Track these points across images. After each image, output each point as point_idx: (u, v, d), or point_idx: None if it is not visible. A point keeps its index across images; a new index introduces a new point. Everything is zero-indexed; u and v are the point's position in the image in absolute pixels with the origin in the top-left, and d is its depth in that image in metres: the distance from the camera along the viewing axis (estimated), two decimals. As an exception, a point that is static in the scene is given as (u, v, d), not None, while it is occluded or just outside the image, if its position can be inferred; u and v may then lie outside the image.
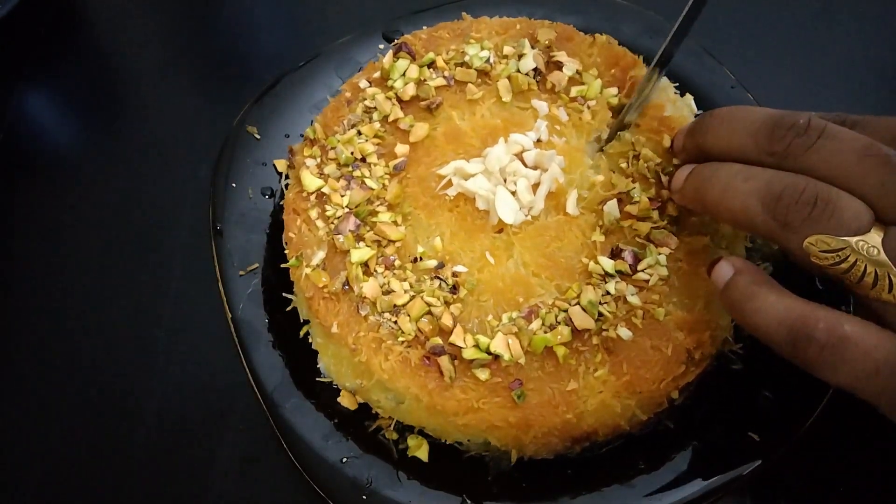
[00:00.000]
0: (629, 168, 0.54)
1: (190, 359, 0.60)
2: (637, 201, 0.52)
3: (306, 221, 0.54)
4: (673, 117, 0.55)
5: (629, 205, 0.52)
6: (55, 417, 0.58)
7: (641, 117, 0.56)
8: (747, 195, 0.42)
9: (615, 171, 0.55)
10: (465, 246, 0.52)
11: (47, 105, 0.75)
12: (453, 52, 0.60)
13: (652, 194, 0.53)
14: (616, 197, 0.53)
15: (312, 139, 0.58)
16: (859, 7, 0.77)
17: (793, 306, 0.41)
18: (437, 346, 0.48)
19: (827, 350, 0.39)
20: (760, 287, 0.43)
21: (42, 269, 0.65)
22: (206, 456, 0.56)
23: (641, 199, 0.52)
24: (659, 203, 0.52)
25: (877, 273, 0.39)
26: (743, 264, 0.45)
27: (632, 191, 0.52)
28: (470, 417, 0.47)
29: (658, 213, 0.52)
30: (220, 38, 0.79)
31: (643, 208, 0.52)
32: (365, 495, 0.49)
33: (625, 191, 0.53)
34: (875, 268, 0.39)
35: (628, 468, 0.49)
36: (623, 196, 0.53)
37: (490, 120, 0.57)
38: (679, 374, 0.48)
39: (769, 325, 0.41)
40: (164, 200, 0.67)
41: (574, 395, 0.47)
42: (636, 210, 0.52)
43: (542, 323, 0.49)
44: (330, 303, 0.51)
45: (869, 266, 0.39)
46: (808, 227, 0.40)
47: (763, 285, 0.43)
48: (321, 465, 0.50)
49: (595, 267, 0.50)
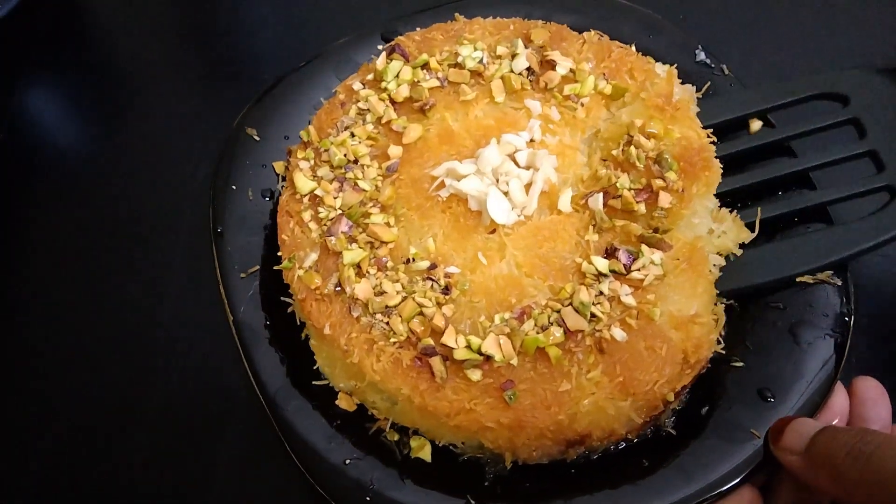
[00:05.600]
0: (620, 156, 0.54)
1: (190, 359, 0.60)
2: (620, 195, 0.52)
3: (299, 223, 0.54)
4: (682, 100, 0.55)
5: (612, 199, 0.52)
6: (55, 417, 0.59)
7: (646, 93, 0.55)
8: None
9: (607, 158, 0.54)
10: (457, 247, 0.52)
11: (48, 105, 0.75)
12: (447, 53, 0.60)
13: (641, 184, 0.52)
14: (602, 191, 0.52)
15: (306, 141, 0.58)
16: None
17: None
18: (429, 347, 0.48)
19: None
20: None
21: (42, 269, 0.65)
22: (206, 456, 0.56)
23: (623, 193, 0.52)
24: (646, 195, 0.51)
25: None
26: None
27: (617, 182, 0.52)
28: (462, 418, 0.47)
29: (644, 206, 0.51)
30: (220, 38, 0.79)
31: (626, 202, 0.51)
32: (369, 497, 0.49)
33: (609, 184, 0.52)
34: None
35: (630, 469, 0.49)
36: (610, 189, 0.52)
37: (483, 120, 0.57)
38: (674, 375, 0.48)
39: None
40: (163, 200, 0.68)
41: (567, 396, 0.47)
42: (619, 204, 0.52)
43: (534, 324, 0.48)
44: (322, 304, 0.51)
45: None
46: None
47: None
48: (324, 466, 0.50)
49: (588, 267, 0.50)
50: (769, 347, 0.51)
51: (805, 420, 0.44)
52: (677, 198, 0.52)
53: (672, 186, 0.52)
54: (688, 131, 0.55)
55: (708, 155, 0.54)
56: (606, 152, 0.55)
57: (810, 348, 0.51)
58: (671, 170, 0.52)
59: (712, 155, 0.54)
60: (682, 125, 0.55)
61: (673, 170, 0.52)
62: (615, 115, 0.56)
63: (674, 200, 0.52)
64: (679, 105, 0.55)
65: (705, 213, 0.54)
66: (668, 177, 0.52)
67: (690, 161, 0.53)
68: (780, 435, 0.43)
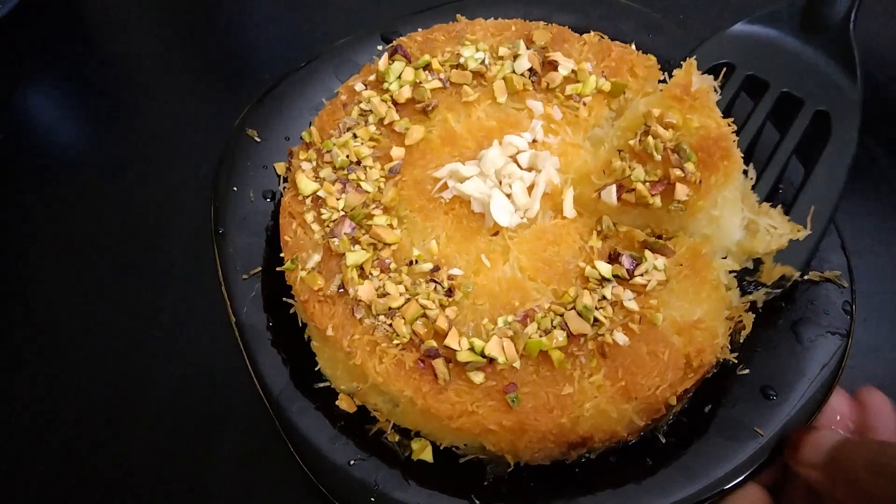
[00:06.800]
0: (637, 146, 0.52)
1: (191, 361, 0.60)
2: (634, 188, 0.50)
3: (302, 225, 0.54)
4: (701, 89, 0.53)
5: (626, 192, 0.50)
6: (56, 417, 0.59)
7: (663, 84, 0.54)
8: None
9: (623, 149, 0.52)
10: (460, 249, 0.52)
11: (48, 105, 0.75)
12: (448, 53, 0.60)
13: (658, 176, 0.50)
14: (615, 183, 0.51)
15: (308, 142, 0.58)
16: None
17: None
18: (432, 349, 0.48)
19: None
20: None
21: (43, 270, 0.65)
22: (207, 457, 0.56)
23: (637, 187, 0.50)
24: (662, 187, 0.50)
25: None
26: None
27: (631, 174, 0.50)
28: (464, 421, 0.47)
29: (660, 199, 0.50)
30: (220, 39, 0.79)
31: (640, 195, 0.50)
32: (373, 497, 0.49)
33: (623, 176, 0.51)
34: None
35: (633, 468, 0.49)
36: (624, 181, 0.51)
37: (485, 122, 0.57)
38: (676, 380, 0.48)
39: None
40: (164, 201, 0.68)
41: (569, 399, 0.47)
42: (633, 198, 0.50)
43: (537, 327, 0.48)
44: (325, 306, 0.51)
45: None
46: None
47: None
48: (328, 467, 0.50)
49: (592, 271, 0.50)
50: (771, 345, 0.52)
51: (822, 432, 0.43)
52: (694, 189, 0.50)
53: (689, 178, 0.50)
54: (707, 120, 0.53)
55: (727, 144, 0.52)
56: (623, 142, 0.53)
57: (812, 346, 0.51)
58: (690, 160, 0.51)
59: (732, 144, 0.52)
60: (701, 115, 0.53)
61: (691, 160, 0.51)
62: (633, 104, 0.55)
63: (690, 192, 0.50)
64: (698, 94, 0.53)
65: (729, 205, 0.52)
66: (687, 167, 0.50)
67: (708, 151, 0.51)
68: (797, 448, 0.43)
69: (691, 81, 0.53)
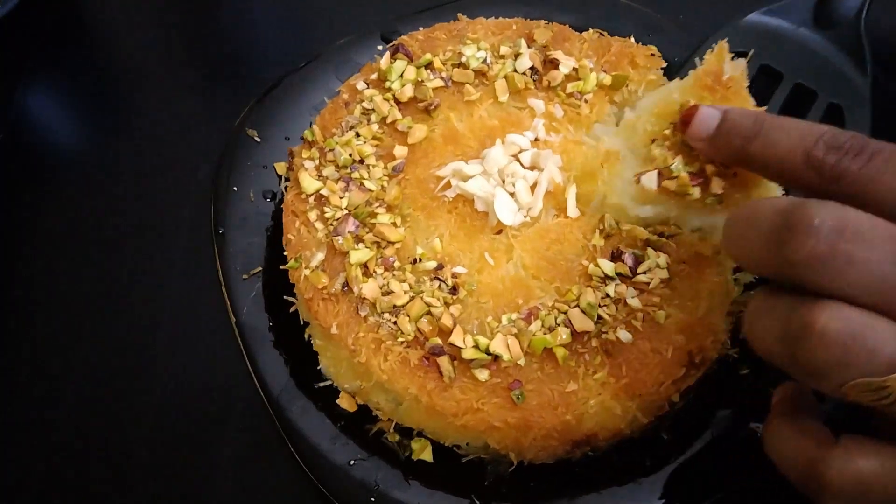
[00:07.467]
0: (673, 137, 0.50)
1: (190, 359, 0.60)
2: (675, 176, 0.48)
3: (305, 223, 0.54)
4: (733, 77, 0.51)
5: (667, 179, 0.49)
6: (56, 418, 0.58)
7: (694, 73, 0.52)
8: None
9: (657, 139, 0.51)
10: (464, 247, 0.53)
11: (49, 105, 0.75)
12: (450, 52, 0.60)
13: (695, 168, 0.48)
14: (655, 170, 0.49)
15: (311, 141, 0.58)
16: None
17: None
18: (437, 347, 0.48)
19: None
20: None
21: (42, 270, 0.65)
22: (207, 457, 0.56)
23: (681, 175, 0.48)
24: (700, 179, 0.48)
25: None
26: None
27: (672, 164, 0.49)
28: (469, 418, 0.47)
29: (700, 190, 0.48)
30: (220, 38, 0.78)
31: (682, 184, 0.48)
32: (373, 497, 0.49)
33: (664, 165, 0.49)
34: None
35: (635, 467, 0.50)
36: (664, 171, 0.49)
37: (488, 121, 0.57)
38: (679, 377, 0.48)
39: None
40: (164, 201, 0.67)
41: (573, 396, 0.47)
42: (674, 186, 0.48)
43: (541, 324, 0.49)
44: (329, 304, 0.51)
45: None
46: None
47: None
48: (329, 467, 0.51)
49: (595, 269, 0.50)
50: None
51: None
52: (730, 182, 0.48)
53: (726, 171, 0.48)
54: None
55: None
56: (659, 129, 0.51)
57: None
58: None
59: None
60: (734, 105, 0.50)
61: None
62: (665, 90, 0.53)
63: (726, 185, 0.48)
64: (730, 83, 0.51)
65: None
66: None
67: None
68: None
69: (723, 70, 0.51)
